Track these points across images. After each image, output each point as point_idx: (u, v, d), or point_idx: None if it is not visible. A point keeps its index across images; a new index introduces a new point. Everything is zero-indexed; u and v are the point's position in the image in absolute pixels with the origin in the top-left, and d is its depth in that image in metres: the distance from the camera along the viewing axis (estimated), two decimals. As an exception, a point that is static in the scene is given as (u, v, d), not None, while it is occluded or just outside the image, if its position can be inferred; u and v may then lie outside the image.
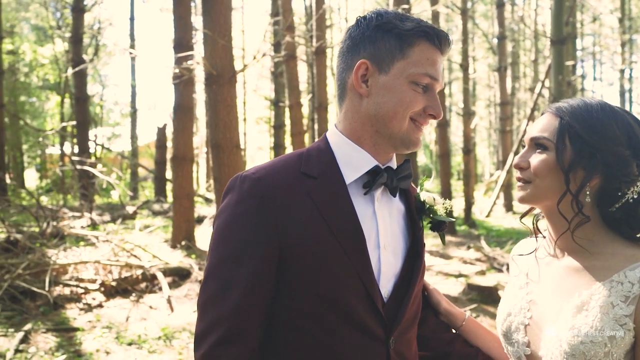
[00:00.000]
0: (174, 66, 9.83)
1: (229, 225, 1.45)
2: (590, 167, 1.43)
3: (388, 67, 1.48)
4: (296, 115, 12.55)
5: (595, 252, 1.46)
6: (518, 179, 1.54)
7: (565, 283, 1.48)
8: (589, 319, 1.37)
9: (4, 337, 5.66)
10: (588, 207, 1.47)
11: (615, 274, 1.38)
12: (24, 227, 10.92)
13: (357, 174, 1.51)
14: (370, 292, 1.46)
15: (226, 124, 8.02)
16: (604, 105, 1.48)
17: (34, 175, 31.36)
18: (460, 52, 14.99)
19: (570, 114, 1.47)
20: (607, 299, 1.36)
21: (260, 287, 1.42)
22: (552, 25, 10.64)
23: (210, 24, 7.76)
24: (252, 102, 31.74)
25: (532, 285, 1.59)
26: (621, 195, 1.44)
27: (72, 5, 17.48)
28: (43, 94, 29.95)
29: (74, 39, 17.27)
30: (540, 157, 1.49)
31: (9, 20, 26.85)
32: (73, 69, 16.65)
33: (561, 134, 1.46)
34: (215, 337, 1.39)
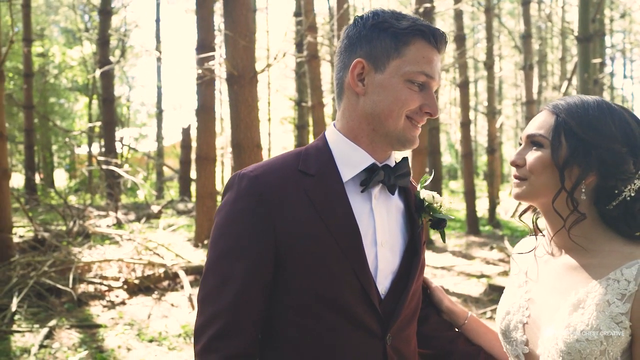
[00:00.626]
0: (196, 67, 9.95)
1: (227, 222, 1.47)
2: (586, 164, 1.42)
3: (384, 66, 1.49)
4: (319, 115, 12.57)
5: (593, 249, 1.45)
6: (514, 177, 1.54)
7: (562, 281, 1.47)
8: (585, 317, 1.36)
9: (29, 333, 5.80)
10: (585, 204, 1.46)
11: (612, 272, 1.37)
12: (52, 226, 11.16)
13: (354, 172, 1.52)
14: (367, 288, 1.47)
15: (247, 124, 8.09)
16: (600, 103, 1.46)
17: (63, 175, 31.97)
18: (485, 50, 14.85)
19: (566, 111, 1.46)
20: (604, 297, 1.34)
21: (258, 282, 1.44)
22: (578, 22, 10.48)
23: (231, 25, 7.83)
24: (277, 102, 31.85)
25: (531, 284, 1.58)
26: (618, 193, 1.43)
27: (100, 8, 17.79)
28: (72, 95, 30.50)
29: (101, 41, 17.57)
30: (535, 154, 1.49)
31: (39, 23, 27.42)
32: (100, 70, 16.94)
33: (557, 131, 1.46)
34: (213, 331, 1.42)
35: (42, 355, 5.28)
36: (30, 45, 18.29)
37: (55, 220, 12.63)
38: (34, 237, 9.36)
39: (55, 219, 12.70)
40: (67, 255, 7.61)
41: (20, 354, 5.29)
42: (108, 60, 17.65)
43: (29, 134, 18.22)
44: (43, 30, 27.89)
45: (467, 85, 14.43)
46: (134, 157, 28.98)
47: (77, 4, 24.02)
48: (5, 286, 6.74)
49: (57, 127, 21.26)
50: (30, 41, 18.24)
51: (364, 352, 1.49)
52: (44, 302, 6.70)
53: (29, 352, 5.31)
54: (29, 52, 17.81)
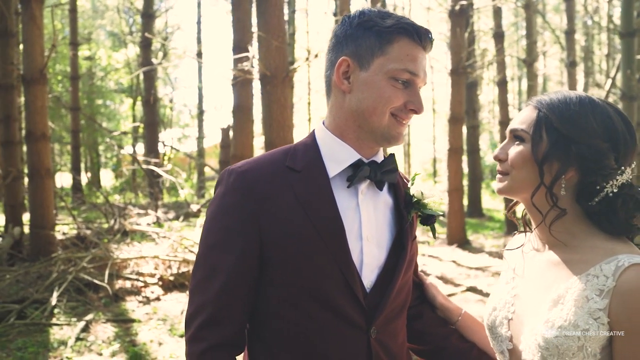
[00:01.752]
0: (233, 68, 10.10)
1: (216, 216, 1.52)
2: (565, 159, 1.41)
3: (368, 64, 1.51)
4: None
5: (575, 245, 1.44)
6: (497, 171, 1.54)
7: (545, 277, 1.47)
8: (563, 312, 1.35)
9: (67, 326, 6.01)
10: (566, 200, 1.45)
11: (592, 268, 1.35)
12: (95, 224, 11.52)
13: (340, 168, 1.55)
14: (350, 281, 1.49)
15: (280, 124, 8.17)
16: (583, 98, 1.45)
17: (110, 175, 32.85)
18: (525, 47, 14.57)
19: (548, 106, 1.46)
20: (582, 293, 1.34)
21: (243, 274, 1.49)
22: (621, 17, 10.21)
23: (264, 25, 7.92)
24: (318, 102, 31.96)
25: (518, 280, 1.57)
26: (600, 189, 1.41)
27: (142, 11, 18.24)
28: (117, 97, 31.33)
29: (143, 43, 18.02)
30: (517, 149, 1.49)
31: (86, 27, 28.26)
32: (143, 72, 17.37)
33: (538, 126, 1.45)
34: (200, 320, 1.48)
35: (78, 348, 5.47)
36: (77, 49, 18.89)
37: (99, 218, 13.04)
38: (76, 234, 9.68)
39: (99, 217, 13.10)
40: (106, 252, 7.85)
41: (57, 345, 5.50)
42: (150, 62, 18.07)
43: (75, 135, 18.83)
44: (90, 34, 28.70)
45: (505, 83, 14.18)
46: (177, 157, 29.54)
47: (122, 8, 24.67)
48: (47, 281, 7.01)
49: (101, 128, 21.86)
50: (77, 45, 18.84)
51: (348, 344, 1.51)
52: (83, 296, 6.93)
53: (66, 344, 5.51)
54: (75, 56, 18.40)
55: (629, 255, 1.33)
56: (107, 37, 32.08)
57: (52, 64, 24.18)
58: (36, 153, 8.04)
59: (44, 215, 8.04)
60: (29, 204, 8.31)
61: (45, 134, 8.12)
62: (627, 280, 1.29)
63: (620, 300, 1.29)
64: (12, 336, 5.71)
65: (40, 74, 7.94)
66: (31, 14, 7.87)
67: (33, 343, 5.51)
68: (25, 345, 5.45)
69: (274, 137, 8.11)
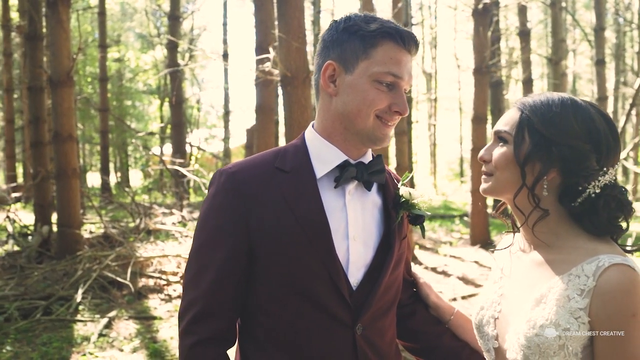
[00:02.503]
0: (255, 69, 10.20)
1: (207, 215, 1.58)
2: (547, 160, 1.43)
3: (353, 67, 1.56)
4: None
5: (559, 245, 1.45)
6: (482, 172, 1.56)
7: (529, 277, 1.49)
8: (545, 311, 1.37)
9: (91, 322, 6.16)
10: (549, 201, 1.46)
11: (574, 268, 1.37)
12: (122, 223, 11.75)
13: (327, 168, 1.60)
14: (335, 279, 1.53)
15: (300, 125, 8.22)
16: (565, 100, 1.46)
17: (139, 175, 33.39)
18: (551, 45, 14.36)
19: (531, 107, 1.47)
20: (564, 292, 1.35)
21: (232, 271, 1.54)
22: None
23: (284, 27, 7.99)
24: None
25: (505, 280, 1.59)
26: (582, 190, 1.43)
27: (169, 13, 18.49)
28: (146, 98, 31.83)
29: (170, 45, 18.27)
30: (500, 150, 1.51)
31: (116, 29, 28.79)
32: (169, 74, 17.62)
33: (520, 127, 1.47)
34: (191, 315, 1.54)
35: (100, 344, 5.60)
36: (106, 51, 19.26)
37: (125, 217, 13.29)
38: (103, 233, 9.90)
39: (126, 217, 13.35)
40: (130, 251, 8.01)
41: (80, 341, 5.64)
42: (177, 63, 18.32)
43: (104, 136, 19.21)
44: (119, 36, 29.25)
45: (531, 82, 14.00)
46: (203, 157, 29.88)
47: (149, 10, 25.06)
48: (72, 278, 7.18)
49: (129, 128, 22.24)
50: (106, 47, 19.20)
51: (334, 340, 1.55)
52: (107, 294, 7.09)
53: (89, 340, 5.65)
54: (103, 58, 18.76)
55: (610, 255, 1.35)
56: (136, 39, 32.60)
57: (82, 66, 24.72)
58: (63, 153, 8.23)
59: (70, 215, 8.24)
60: (57, 203, 8.51)
61: (72, 135, 8.31)
62: (607, 280, 1.31)
63: (600, 300, 1.31)
64: (38, 331, 5.87)
65: (67, 77, 8.13)
66: (58, 18, 8.07)
67: (57, 338, 5.67)
68: (50, 340, 5.60)
69: (294, 137, 8.16)
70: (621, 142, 1.51)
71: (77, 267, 7.47)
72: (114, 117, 22.35)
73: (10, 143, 18.89)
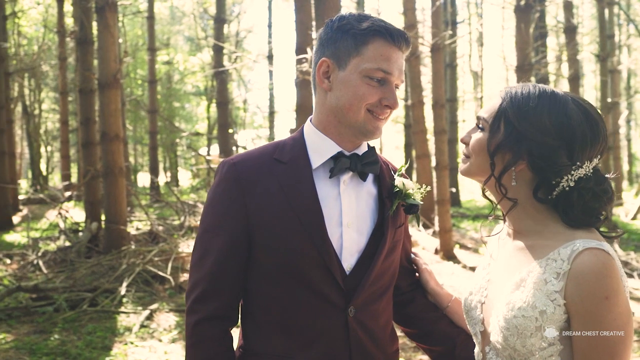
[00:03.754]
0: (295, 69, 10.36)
1: (210, 203, 1.71)
2: (516, 152, 1.47)
3: (345, 64, 1.65)
4: (418, 113, 12.53)
5: (538, 231, 1.50)
6: (462, 153, 1.63)
7: (512, 261, 1.54)
8: (523, 294, 1.42)
9: (133, 314, 6.43)
10: (521, 191, 1.51)
11: (552, 252, 1.41)
12: (167, 220, 12.12)
13: (322, 160, 1.70)
14: (328, 263, 1.63)
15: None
16: (543, 93, 1.49)
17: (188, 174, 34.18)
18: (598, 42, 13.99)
19: (510, 98, 1.51)
20: (542, 276, 1.40)
21: (232, 255, 1.66)
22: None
23: (321, 27, 8.11)
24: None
25: (493, 265, 1.64)
26: (555, 184, 1.46)
27: (215, 16, 18.91)
28: (194, 99, 32.55)
29: (216, 47, 18.67)
30: (477, 136, 1.56)
31: (165, 33, 29.56)
32: (215, 75, 18.01)
33: (497, 116, 1.51)
34: (195, 295, 1.66)
35: (141, 334, 5.85)
36: (154, 54, 19.83)
37: (172, 215, 13.68)
38: (149, 230, 10.25)
39: (172, 215, 13.75)
40: (172, 247, 8.28)
41: (123, 331, 5.91)
42: (222, 65, 18.70)
43: (153, 137, 19.77)
44: (169, 39, 30.02)
45: (577, 79, 13.66)
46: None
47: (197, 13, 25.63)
48: (117, 272, 7.50)
49: (177, 129, 22.80)
50: (154, 50, 19.77)
51: (326, 321, 1.65)
52: (149, 287, 7.37)
53: (131, 330, 5.91)
54: (152, 61, 19.32)
55: (585, 240, 1.39)
56: (185, 42, 33.39)
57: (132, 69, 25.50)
58: (110, 153, 8.58)
59: (116, 212, 8.58)
60: (104, 200, 8.88)
61: (119, 135, 8.65)
62: (580, 263, 1.35)
63: (574, 283, 1.35)
64: (84, 322, 6.17)
65: (114, 79, 8.47)
66: (105, 23, 8.43)
67: (102, 328, 5.95)
68: (95, 330, 5.88)
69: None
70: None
71: (122, 262, 7.79)
72: (162, 119, 22.96)
73: (65, 143, 19.71)
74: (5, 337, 5.67)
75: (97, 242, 9.28)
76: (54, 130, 29.12)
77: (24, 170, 34.91)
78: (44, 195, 15.17)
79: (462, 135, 1.63)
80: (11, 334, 5.77)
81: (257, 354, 1.70)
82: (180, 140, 22.65)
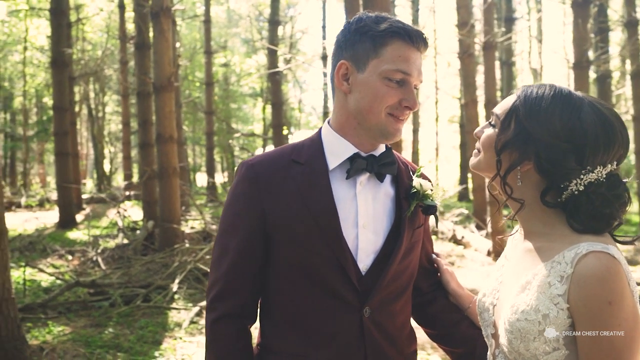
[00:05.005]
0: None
1: (229, 203, 1.76)
2: (523, 152, 1.45)
3: (364, 66, 1.66)
4: (471, 112, 12.32)
5: (547, 233, 1.47)
6: (476, 147, 1.61)
7: (521, 263, 1.52)
8: (527, 297, 1.40)
9: (184, 310, 6.63)
10: (528, 192, 1.49)
11: (557, 255, 1.38)
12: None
13: (338, 161, 1.72)
14: (343, 264, 1.65)
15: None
16: (557, 94, 1.45)
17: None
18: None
19: (524, 97, 1.48)
20: (546, 279, 1.37)
21: (249, 253, 1.70)
22: None
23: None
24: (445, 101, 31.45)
25: (506, 266, 1.62)
26: (563, 187, 1.43)
27: (269, 18, 19.16)
28: (250, 100, 33.06)
29: (270, 49, 18.91)
30: (488, 132, 1.54)
31: (222, 35, 30.16)
32: (269, 76, 18.25)
33: (509, 114, 1.49)
34: (213, 293, 1.72)
35: (190, 330, 6.02)
36: (211, 57, 20.27)
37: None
38: (203, 229, 10.51)
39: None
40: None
41: (173, 327, 6.10)
42: (277, 66, 18.92)
43: (209, 137, 20.23)
44: (226, 42, 30.60)
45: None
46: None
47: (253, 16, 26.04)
48: (169, 269, 7.74)
49: (233, 130, 23.22)
50: (211, 53, 20.21)
51: (341, 321, 1.67)
52: (200, 284, 7.57)
53: (181, 326, 6.09)
54: (209, 64, 19.76)
55: (590, 243, 1.35)
56: (242, 44, 33.96)
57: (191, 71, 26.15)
58: (164, 154, 8.86)
59: (170, 211, 8.84)
60: (159, 200, 9.17)
61: (173, 136, 8.91)
62: (583, 267, 1.32)
63: (577, 286, 1.32)
64: (137, 316, 6.41)
65: (168, 82, 8.74)
66: (160, 28, 8.70)
67: (153, 323, 6.16)
68: (147, 325, 6.10)
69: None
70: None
71: (175, 260, 8.03)
72: (219, 120, 23.44)
73: (126, 144, 20.45)
74: (64, 329, 5.96)
75: (153, 240, 9.60)
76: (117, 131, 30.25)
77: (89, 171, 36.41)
78: (104, 195, 15.79)
79: (477, 129, 1.62)
80: (69, 326, 6.06)
81: (273, 352, 1.73)
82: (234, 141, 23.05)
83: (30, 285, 7.62)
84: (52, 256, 9.66)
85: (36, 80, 24.88)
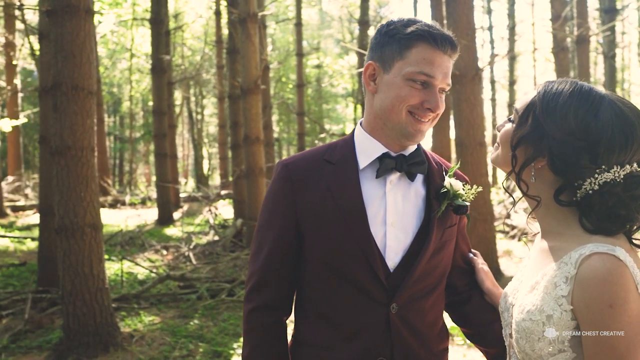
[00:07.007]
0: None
1: (266, 201, 1.86)
2: (537, 148, 1.42)
3: (390, 67, 1.71)
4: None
5: (561, 233, 1.45)
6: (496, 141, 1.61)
7: (535, 263, 1.50)
8: (534, 297, 1.39)
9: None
10: (543, 189, 1.46)
11: (566, 255, 1.36)
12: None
13: (368, 160, 1.77)
14: (371, 261, 1.70)
15: (469, 122, 8.16)
16: (575, 91, 1.42)
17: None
18: None
19: (543, 93, 1.46)
20: (552, 280, 1.36)
21: (282, 248, 1.79)
22: None
23: (453, 24, 8.00)
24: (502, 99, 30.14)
25: (527, 266, 1.61)
26: (577, 185, 1.40)
27: (359, 19, 19.27)
28: (343, 101, 33.35)
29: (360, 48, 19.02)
30: (507, 126, 1.54)
31: (315, 37, 30.65)
32: (359, 76, 18.35)
33: (527, 109, 1.47)
34: (250, 286, 1.83)
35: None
36: (302, 59, 20.66)
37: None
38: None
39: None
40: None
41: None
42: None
43: (301, 138, 20.61)
44: (318, 43, 31.07)
45: None
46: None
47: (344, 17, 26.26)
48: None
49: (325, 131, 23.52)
50: (302, 55, 20.60)
51: (368, 316, 1.73)
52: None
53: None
54: (300, 65, 20.16)
55: (596, 244, 1.32)
56: (335, 45, 34.34)
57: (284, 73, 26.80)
58: (251, 154, 9.18)
59: (256, 209, 9.14)
60: (247, 199, 9.52)
61: (259, 137, 9.22)
62: (586, 268, 1.30)
63: (580, 287, 1.30)
64: (221, 310, 6.71)
65: (255, 85, 9.05)
66: (247, 33, 9.03)
67: (235, 317, 6.43)
68: (229, 318, 6.38)
69: (463, 135, 8.14)
70: None
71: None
72: (311, 120, 23.84)
73: (222, 145, 21.29)
74: (154, 319, 6.36)
75: (241, 237, 9.97)
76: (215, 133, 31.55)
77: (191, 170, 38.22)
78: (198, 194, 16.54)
79: (499, 123, 1.61)
80: (159, 316, 6.47)
81: (305, 344, 1.82)
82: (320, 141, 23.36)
83: (128, 277, 8.18)
84: (149, 251, 10.28)
85: (141, 86, 26.52)
